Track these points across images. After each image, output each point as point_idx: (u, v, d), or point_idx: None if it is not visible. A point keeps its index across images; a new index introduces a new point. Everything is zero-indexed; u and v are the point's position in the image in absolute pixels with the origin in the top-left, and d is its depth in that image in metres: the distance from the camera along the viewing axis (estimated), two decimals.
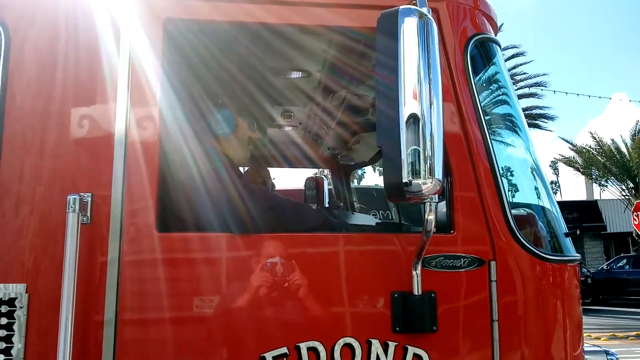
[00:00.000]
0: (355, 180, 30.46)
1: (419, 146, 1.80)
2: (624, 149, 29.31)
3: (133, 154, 2.11)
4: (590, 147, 29.93)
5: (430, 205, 1.90)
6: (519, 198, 2.59)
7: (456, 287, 2.16)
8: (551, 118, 26.70)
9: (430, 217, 1.92)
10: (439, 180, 1.82)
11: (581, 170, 31.28)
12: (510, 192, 2.31)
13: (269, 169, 4.97)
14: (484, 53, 2.54)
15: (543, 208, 2.64)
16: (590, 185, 38.19)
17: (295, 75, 3.24)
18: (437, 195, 1.88)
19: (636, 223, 16.20)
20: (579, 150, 30.41)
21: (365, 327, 2.11)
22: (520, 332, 2.19)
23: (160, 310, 2.05)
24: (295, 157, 5.13)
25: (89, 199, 2.04)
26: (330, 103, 3.62)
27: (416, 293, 2.06)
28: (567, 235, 2.51)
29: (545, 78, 26.05)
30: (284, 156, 5.10)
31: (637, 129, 29.40)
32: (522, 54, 25.87)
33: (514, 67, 25.80)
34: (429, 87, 1.84)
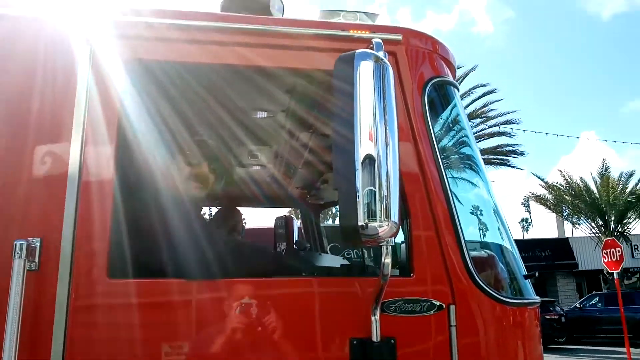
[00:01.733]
0: (330, 219, 30.29)
1: (374, 187, 1.80)
2: (593, 187, 29.96)
3: (86, 196, 2.05)
4: (560, 184, 30.52)
5: (387, 248, 1.88)
6: (478, 240, 2.59)
7: (416, 332, 2.12)
8: (521, 153, 27.12)
9: (387, 260, 1.89)
10: (395, 223, 1.81)
11: (552, 207, 31.80)
12: (469, 234, 2.30)
13: (239, 209, 4.92)
14: (442, 96, 2.58)
15: (502, 249, 2.65)
16: (561, 223, 38.80)
17: (262, 115, 3.24)
18: (393, 238, 1.87)
19: (605, 261, 16.37)
20: (549, 188, 30.96)
21: None
22: None
23: None
24: (265, 196, 5.10)
25: (38, 244, 1.97)
26: (296, 142, 3.63)
27: (375, 340, 2.02)
28: (526, 277, 2.51)
29: (516, 116, 26.51)
30: (254, 196, 5.06)
31: (604, 168, 30.17)
32: (493, 91, 26.42)
33: (485, 105, 26.29)
34: (385, 128, 1.86)
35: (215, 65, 2.33)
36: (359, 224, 1.80)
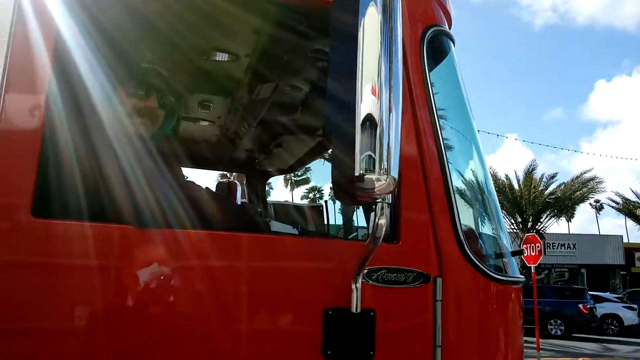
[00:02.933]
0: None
1: (374, 153, 1.51)
2: (515, 186, 31.35)
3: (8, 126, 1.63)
4: None
5: (382, 206, 1.60)
6: (468, 213, 2.34)
7: (398, 305, 1.87)
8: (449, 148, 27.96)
9: (382, 221, 1.60)
10: (395, 179, 1.53)
11: None
12: (460, 206, 2.06)
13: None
14: (439, 48, 2.30)
15: (491, 225, 2.44)
16: None
17: (220, 57, 2.84)
18: (390, 195, 1.59)
19: (525, 255, 17.06)
20: None
21: (290, 352, 1.77)
22: (464, 358, 1.94)
23: (33, 319, 1.59)
24: (209, 157, 4.68)
25: None
26: (256, 96, 3.26)
27: (354, 311, 1.74)
28: (513, 254, 2.32)
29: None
30: (196, 155, 4.62)
31: (530, 168, 31.62)
32: None
33: None
34: (390, 85, 1.54)
35: None
36: (355, 174, 1.50)
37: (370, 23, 1.57)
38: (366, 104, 1.53)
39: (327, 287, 1.81)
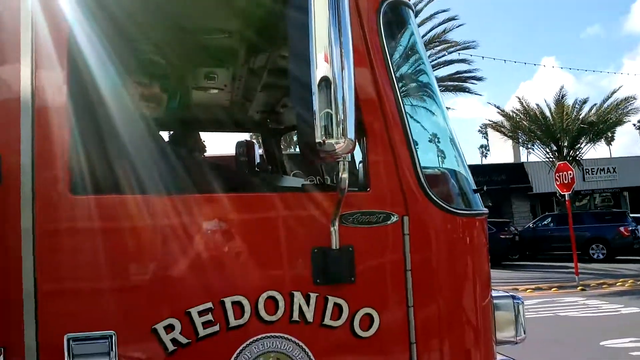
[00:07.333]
0: (292, 147, 30.30)
1: (331, 109, 1.85)
2: (548, 114, 30.72)
3: (41, 118, 2.04)
4: (518, 111, 31.16)
5: (344, 164, 1.98)
6: (430, 158, 2.71)
7: (372, 240, 2.26)
8: (479, 79, 27.32)
9: (344, 175, 2.00)
10: (352, 140, 1.89)
11: (508, 134, 32.62)
12: (423, 154, 2.41)
13: (200, 132, 4.89)
14: (398, 17, 2.59)
15: (454, 168, 2.79)
16: (517, 149, 39.94)
17: (216, 34, 3.18)
18: (349, 154, 1.95)
19: (558, 183, 17.15)
20: (506, 115, 31.60)
21: (288, 281, 2.20)
22: (432, 280, 2.34)
23: (81, 279, 2.03)
24: (224, 120, 5.07)
25: None
26: (255, 64, 3.60)
27: (334, 247, 2.15)
28: (475, 191, 2.67)
29: (476, 43, 26.55)
30: (212, 120, 5.02)
31: (560, 95, 30.85)
32: (453, 18, 26.14)
33: (445, 32, 26.10)
34: (340, 49, 1.87)
35: None
36: (317, 140, 1.86)
37: None
38: (320, 69, 1.86)
39: (313, 230, 2.21)
